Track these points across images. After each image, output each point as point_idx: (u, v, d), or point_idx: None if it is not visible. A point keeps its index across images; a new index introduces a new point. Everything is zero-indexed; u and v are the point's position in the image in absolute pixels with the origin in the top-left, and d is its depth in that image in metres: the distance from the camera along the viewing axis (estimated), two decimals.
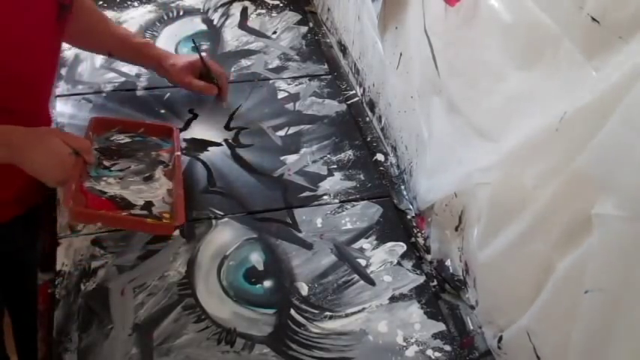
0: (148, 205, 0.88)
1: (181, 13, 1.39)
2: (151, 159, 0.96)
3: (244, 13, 1.42)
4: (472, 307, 0.85)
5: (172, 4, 1.41)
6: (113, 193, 0.87)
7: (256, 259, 0.90)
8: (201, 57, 1.09)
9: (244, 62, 1.27)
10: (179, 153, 0.96)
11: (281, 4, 1.46)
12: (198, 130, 1.10)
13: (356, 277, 0.89)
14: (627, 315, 0.54)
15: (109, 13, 1.37)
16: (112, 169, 0.92)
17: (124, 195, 0.87)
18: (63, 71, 1.18)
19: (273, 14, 1.43)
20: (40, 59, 0.87)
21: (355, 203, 1.00)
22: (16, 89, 0.82)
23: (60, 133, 0.87)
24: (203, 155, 1.05)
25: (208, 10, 1.41)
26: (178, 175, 0.92)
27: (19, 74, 0.81)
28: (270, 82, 1.23)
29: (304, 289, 0.87)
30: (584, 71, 0.57)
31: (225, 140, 1.09)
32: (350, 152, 1.09)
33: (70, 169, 0.83)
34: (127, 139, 0.98)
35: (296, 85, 1.23)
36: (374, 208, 1.00)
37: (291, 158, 1.07)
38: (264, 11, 1.43)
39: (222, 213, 0.96)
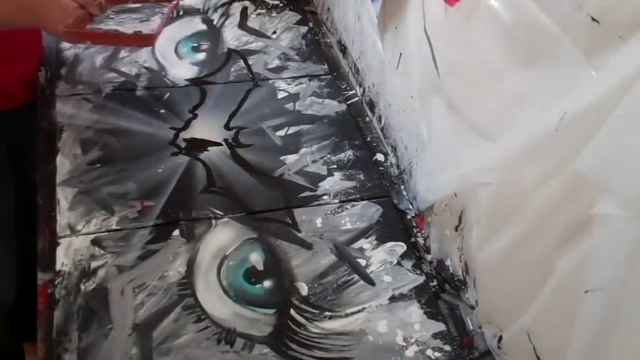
0: (136, 33, 1.03)
1: (181, 13, 1.39)
2: (152, 9, 1.13)
3: (244, 13, 1.42)
4: (472, 307, 0.85)
5: None
6: (109, 29, 1.03)
7: (256, 259, 0.90)
8: None
9: (243, 62, 1.27)
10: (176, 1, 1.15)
11: (281, 4, 1.46)
12: (198, 130, 1.10)
13: (356, 277, 0.89)
14: (627, 315, 0.54)
15: None
16: (116, 18, 1.08)
17: (118, 28, 1.03)
18: (63, 71, 1.18)
19: (273, 14, 1.43)
20: None
21: (355, 203, 1.00)
22: None
23: None
24: (203, 155, 1.05)
25: (208, 10, 1.41)
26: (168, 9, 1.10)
27: None
28: (270, 82, 1.23)
29: (304, 289, 0.87)
30: (584, 71, 0.57)
31: (225, 140, 1.09)
32: (350, 152, 1.09)
33: (72, 17, 0.95)
34: (138, 4, 1.14)
35: (296, 85, 1.23)
36: (374, 208, 1.00)
37: (291, 158, 1.07)
38: (264, 11, 1.43)
39: (222, 213, 0.96)
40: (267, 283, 0.87)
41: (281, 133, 1.11)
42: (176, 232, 0.92)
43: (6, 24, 0.91)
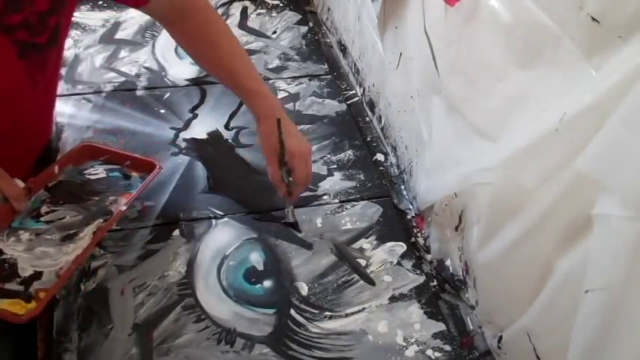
0: (32, 278, 0.77)
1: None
2: (102, 207, 0.86)
3: (244, 13, 1.42)
4: (472, 307, 0.85)
5: None
6: (9, 256, 0.78)
7: (256, 259, 0.90)
8: (282, 149, 0.90)
9: None
10: (124, 208, 0.85)
11: (281, 4, 1.46)
12: (198, 130, 1.10)
13: (356, 277, 0.89)
14: (627, 315, 0.54)
15: (109, 13, 1.37)
16: (42, 219, 0.84)
17: (18, 260, 0.78)
18: (63, 71, 1.18)
19: (273, 14, 1.43)
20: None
21: (355, 203, 1.00)
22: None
23: None
24: (203, 155, 1.05)
25: None
26: (88, 246, 0.80)
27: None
28: (270, 82, 1.23)
29: (304, 289, 0.87)
30: (584, 71, 0.57)
31: (226, 140, 1.09)
32: (350, 152, 1.09)
33: None
34: (103, 175, 0.91)
35: (296, 85, 1.23)
36: (374, 208, 1.00)
37: None
38: (264, 11, 1.43)
39: (222, 213, 0.96)
40: (267, 283, 0.87)
41: None
42: (176, 232, 0.92)
43: None
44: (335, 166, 1.06)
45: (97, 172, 0.91)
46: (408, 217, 1.00)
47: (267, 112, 0.91)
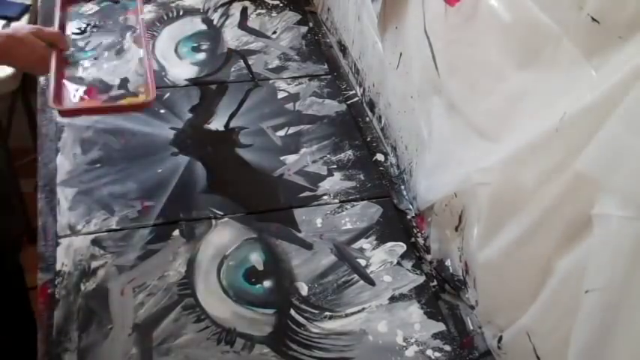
0: (124, 82, 0.94)
1: (181, 13, 1.39)
2: (120, 27, 1.03)
3: (244, 13, 1.42)
4: (472, 307, 0.85)
5: (172, 4, 1.41)
6: (92, 79, 0.94)
7: (256, 259, 0.90)
8: None
9: (243, 62, 1.27)
10: (142, 16, 1.02)
11: (281, 4, 1.46)
12: (198, 130, 1.10)
13: (356, 277, 0.89)
14: (627, 315, 0.54)
15: None
16: (87, 48, 0.99)
17: (101, 77, 0.94)
18: None
19: (273, 14, 1.43)
20: None
21: (355, 203, 1.00)
22: None
23: (34, 30, 0.91)
24: (203, 155, 1.05)
25: (208, 10, 1.41)
26: (143, 42, 0.98)
27: None
28: (270, 82, 1.23)
29: (304, 289, 0.87)
30: (584, 71, 0.57)
31: (226, 140, 1.09)
32: (350, 152, 1.09)
33: (48, 60, 0.91)
34: (96, 7, 1.07)
35: (296, 85, 1.23)
36: (374, 208, 1.00)
37: (291, 158, 1.07)
38: (264, 11, 1.43)
39: (222, 213, 0.96)
40: (267, 283, 0.87)
41: (281, 133, 1.11)
42: (176, 232, 0.92)
43: None
44: (335, 166, 1.06)
45: (89, 9, 1.07)
46: (408, 217, 1.00)
47: None
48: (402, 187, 1.05)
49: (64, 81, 0.92)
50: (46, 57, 0.91)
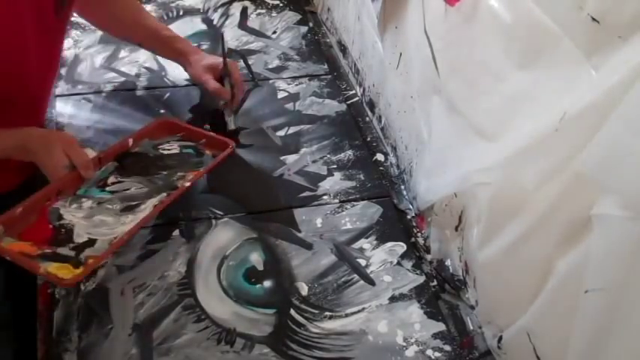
0: (86, 245, 0.78)
1: (181, 13, 1.39)
2: (168, 182, 0.88)
3: (244, 13, 1.42)
4: (472, 307, 0.85)
5: (172, 4, 1.41)
6: (68, 221, 0.81)
7: (256, 259, 0.90)
8: (224, 59, 1.06)
9: (243, 62, 1.27)
10: (188, 184, 0.87)
11: (281, 4, 1.46)
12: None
13: (356, 277, 0.89)
14: (627, 315, 0.54)
15: None
16: (107, 189, 0.86)
17: (76, 226, 0.80)
18: (63, 71, 1.19)
19: (273, 14, 1.43)
20: (38, 56, 0.87)
21: (355, 203, 1.00)
22: (15, 84, 0.83)
23: (67, 143, 0.83)
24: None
25: (208, 10, 1.41)
26: (145, 217, 0.82)
27: (18, 70, 0.82)
28: (270, 82, 1.23)
29: (304, 289, 0.87)
30: (584, 71, 0.57)
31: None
32: (350, 152, 1.09)
33: (57, 175, 0.82)
34: (176, 150, 0.93)
35: (296, 85, 1.23)
36: (374, 208, 1.00)
37: (291, 158, 1.07)
38: (264, 11, 1.43)
39: (222, 213, 0.96)
40: (267, 283, 0.87)
41: (281, 133, 1.11)
42: (176, 232, 0.92)
43: (6, 156, 0.82)
44: (335, 166, 1.06)
45: (172, 147, 0.94)
46: (408, 217, 1.00)
47: (190, 46, 1.11)
48: (402, 187, 1.05)
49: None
50: (56, 175, 0.82)
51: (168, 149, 0.94)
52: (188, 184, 0.87)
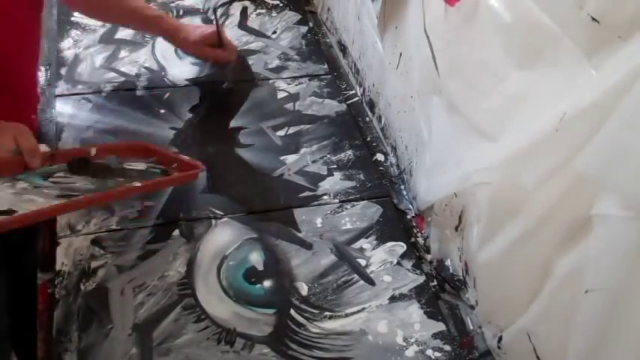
0: (2, 212, 0.70)
1: (181, 13, 1.39)
2: (118, 184, 0.83)
3: (244, 13, 1.42)
4: (472, 307, 0.85)
5: (172, 4, 1.41)
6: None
7: (256, 259, 0.90)
8: (217, 27, 1.11)
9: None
10: (137, 184, 0.82)
11: (281, 4, 1.46)
12: (198, 130, 1.10)
13: (356, 277, 0.89)
14: (627, 315, 0.54)
15: None
16: (50, 179, 0.79)
17: (1, 197, 0.73)
18: (63, 71, 1.18)
19: (272, 14, 1.43)
20: (18, 42, 0.87)
21: (355, 203, 1.00)
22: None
23: (20, 131, 0.80)
24: (203, 155, 1.05)
25: (208, 10, 1.41)
26: (67, 203, 0.74)
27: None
28: (270, 82, 1.23)
29: (304, 289, 0.87)
30: (583, 71, 0.57)
31: (226, 140, 1.09)
32: (350, 152, 1.09)
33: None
34: (142, 167, 0.88)
35: (296, 85, 1.23)
36: (374, 208, 1.00)
37: (290, 158, 1.07)
38: (263, 11, 1.43)
39: (222, 213, 0.96)
40: (267, 283, 0.87)
41: (281, 133, 1.11)
42: (176, 232, 0.92)
43: None
44: (335, 166, 1.06)
45: (138, 165, 0.88)
46: (408, 217, 1.00)
47: (176, 24, 1.17)
48: (402, 187, 1.05)
49: None
50: (1, 153, 0.77)
51: (134, 166, 0.88)
52: (139, 184, 0.81)
